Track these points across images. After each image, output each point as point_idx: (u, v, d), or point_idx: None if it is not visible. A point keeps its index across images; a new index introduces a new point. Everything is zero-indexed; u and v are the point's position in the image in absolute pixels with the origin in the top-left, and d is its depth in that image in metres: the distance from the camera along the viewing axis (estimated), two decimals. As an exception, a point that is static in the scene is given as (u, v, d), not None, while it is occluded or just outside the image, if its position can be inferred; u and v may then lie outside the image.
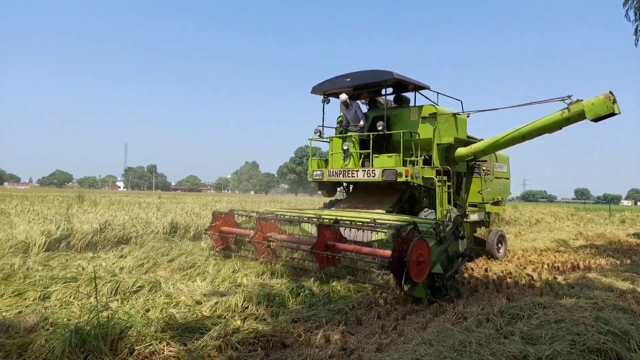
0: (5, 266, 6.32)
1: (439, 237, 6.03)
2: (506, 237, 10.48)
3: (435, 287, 5.89)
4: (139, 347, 3.66)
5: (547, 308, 4.99)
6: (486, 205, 10.30)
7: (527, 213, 24.62)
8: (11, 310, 4.68)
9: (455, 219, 6.61)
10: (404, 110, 9.27)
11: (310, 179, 9.55)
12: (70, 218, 10.78)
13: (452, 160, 9.03)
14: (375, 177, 8.31)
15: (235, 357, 3.81)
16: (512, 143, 8.37)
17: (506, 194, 11.59)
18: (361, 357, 3.78)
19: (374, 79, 8.66)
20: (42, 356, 3.36)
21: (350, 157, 9.01)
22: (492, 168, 10.76)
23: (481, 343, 4.00)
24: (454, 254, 6.31)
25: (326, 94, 9.74)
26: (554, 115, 7.66)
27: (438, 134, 8.68)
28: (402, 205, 8.91)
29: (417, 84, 9.00)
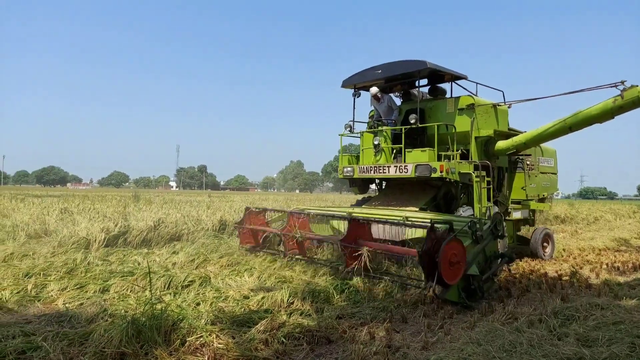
0: (69, 261, 6.75)
1: (475, 236, 5.69)
2: (553, 236, 9.91)
3: (471, 289, 5.53)
4: (190, 338, 3.81)
5: (605, 309, 4.75)
6: (531, 202, 9.71)
7: (585, 211, 23.40)
8: (74, 302, 5.00)
9: (493, 217, 6.23)
10: (440, 102, 8.84)
11: (341, 176, 9.30)
12: (127, 216, 11.32)
13: (491, 155, 8.54)
14: (407, 172, 7.93)
15: (282, 351, 3.88)
16: (558, 135, 7.78)
17: (553, 190, 10.90)
18: (406, 355, 3.76)
19: (407, 69, 8.26)
20: (101, 345, 3.57)
21: (382, 153, 8.67)
22: (537, 163, 10.13)
23: (532, 344, 3.87)
24: (492, 254, 5.95)
25: (357, 87, 9.40)
26: (606, 102, 7.05)
27: (476, 127, 8.19)
28: (438, 202, 8.51)
29: (453, 73, 8.54)
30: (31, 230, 9.66)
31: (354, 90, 9.39)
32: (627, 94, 6.80)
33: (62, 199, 21.05)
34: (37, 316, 4.43)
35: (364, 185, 9.79)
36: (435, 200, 8.46)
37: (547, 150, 10.63)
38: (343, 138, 9.62)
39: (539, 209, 10.16)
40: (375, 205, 8.85)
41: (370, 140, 8.94)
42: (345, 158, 9.48)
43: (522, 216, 9.52)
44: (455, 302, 5.36)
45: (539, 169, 10.16)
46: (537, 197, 10.02)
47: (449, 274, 5.11)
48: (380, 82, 9.01)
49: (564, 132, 7.66)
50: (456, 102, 8.44)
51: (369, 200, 9.46)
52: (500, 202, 8.74)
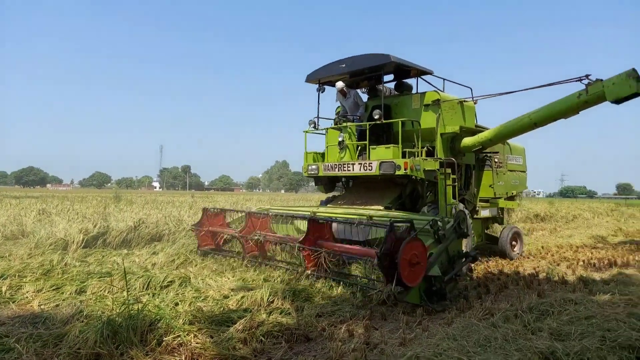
0: (45, 262, 6.63)
1: (437, 236, 5.50)
2: (522, 234, 9.88)
3: (433, 291, 5.34)
4: (167, 338, 3.78)
5: (578, 304, 4.85)
6: (499, 200, 9.61)
7: (564, 209, 23.86)
8: (49, 304, 4.93)
9: (456, 215, 5.95)
10: (405, 98, 8.63)
11: (306, 174, 9.02)
12: (107, 217, 11.18)
13: (458, 152, 8.32)
14: (372, 170, 7.68)
15: (260, 350, 3.88)
16: (524, 130, 7.58)
17: (522, 188, 10.82)
18: (384, 351, 3.79)
19: (371, 63, 8.00)
20: (76, 346, 3.52)
21: (346, 150, 8.41)
22: (506, 160, 10.06)
23: (507, 339, 3.92)
24: (455, 254, 5.78)
25: (322, 82, 9.10)
26: (570, 97, 6.85)
27: (442, 123, 7.98)
28: (403, 201, 8.30)
29: (419, 68, 8.30)
30: (7, 231, 9.49)
31: (319, 85, 9.13)
32: (591, 89, 6.59)
33: (40, 200, 20.66)
34: (11, 318, 4.35)
35: (329, 184, 9.58)
36: (401, 199, 8.29)
37: (515, 148, 10.58)
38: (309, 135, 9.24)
39: (507, 207, 10.11)
40: (340, 204, 8.64)
41: (336, 137, 8.71)
42: (310, 156, 9.25)
43: (490, 214, 9.41)
44: (416, 305, 5.20)
45: (508, 166, 10.10)
46: (506, 195, 9.93)
47: (409, 275, 4.91)
48: (346, 77, 8.77)
49: (529, 128, 7.49)
50: (422, 97, 8.26)
51: (334, 199, 9.26)
52: (467, 200, 8.59)
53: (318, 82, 9.07)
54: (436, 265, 5.33)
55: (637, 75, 6.24)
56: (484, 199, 9.21)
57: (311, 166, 8.82)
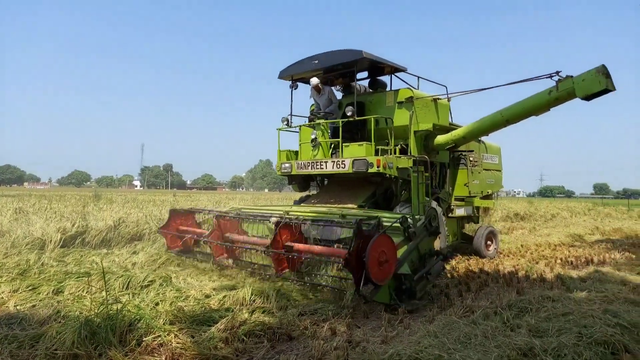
0: (22, 262, 6.50)
1: (408, 233, 5.37)
2: (497, 234, 9.81)
3: (403, 289, 5.23)
4: (147, 338, 3.73)
5: (556, 301, 4.96)
6: (474, 199, 9.52)
7: (543, 208, 24.31)
8: (25, 304, 4.82)
9: (427, 212, 5.82)
10: (379, 95, 8.52)
11: (279, 172, 8.83)
12: (86, 216, 10.98)
13: (431, 149, 8.22)
14: (345, 168, 7.51)
15: (242, 349, 3.86)
16: (496, 127, 7.53)
17: (497, 187, 10.76)
18: (365, 349, 3.81)
19: (343, 59, 7.86)
20: (53, 347, 3.45)
21: (319, 147, 8.21)
22: (481, 159, 9.99)
23: (487, 335, 3.99)
24: (426, 252, 5.66)
25: (294, 78, 8.86)
26: (540, 94, 6.81)
27: (415, 120, 7.87)
28: (377, 199, 8.16)
29: (392, 65, 8.19)
30: (-18, 231, 9.22)
31: (292, 82, 8.91)
32: (562, 85, 6.55)
33: (17, 199, 20.18)
34: (-15, 319, 4.24)
35: (303, 183, 9.43)
36: (375, 197, 8.15)
37: (491, 147, 10.55)
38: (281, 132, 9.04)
39: (483, 206, 9.95)
40: (314, 203, 8.47)
41: (309, 135, 8.51)
42: (284, 154, 9.08)
43: (465, 213, 9.30)
44: (387, 304, 5.09)
45: (483, 165, 10.03)
46: (481, 194, 9.85)
47: (377, 273, 4.76)
48: (319, 74, 8.60)
49: (501, 125, 7.43)
50: (395, 95, 8.15)
51: (309, 198, 9.07)
52: (442, 199, 8.47)
53: (291, 78, 8.88)
54: (406, 264, 5.22)
55: (606, 71, 6.24)
56: (459, 197, 9.17)
57: (284, 164, 8.65)
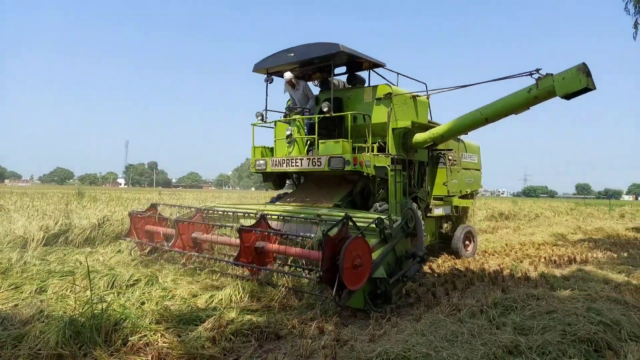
0: (3, 260, 6.36)
1: (384, 235, 5.22)
2: (475, 234, 9.72)
3: (378, 294, 5.05)
4: (133, 338, 3.69)
5: (541, 299, 5.03)
6: (453, 198, 9.40)
7: (527, 208, 24.64)
8: (7, 303, 4.72)
9: (404, 213, 5.64)
10: (357, 91, 8.26)
11: (253, 170, 8.52)
12: (69, 214, 10.79)
13: (410, 148, 8.02)
14: (321, 166, 7.26)
15: (229, 348, 3.84)
16: (475, 126, 7.36)
17: (477, 186, 10.64)
18: (354, 347, 3.81)
19: (320, 52, 7.59)
20: (36, 347, 3.39)
21: (295, 144, 7.97)
22: (460, 158, 9.85)
23: (473, 333, 4.03)
24: (403, 254, 5.49)
25: (270, 72, 8.56)
26: (520, 92, 6.66)
27: (394, 117, 7.64)
28: (354, 198, 7.90)
29: (371, 60, 7.94)
30: (-39, 228, 9.02)
31: (267, 76, 8.63)
32: (541, 83, 6.39)
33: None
34: (-35, 319, 4.14)
35: (279, 180, 9.16)
36: (351, 196, 7.90)
37: (470, 146, 10.44)
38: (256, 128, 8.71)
39: (462, 206, 9.83)
40: (289, 201, 8.20)
41: (285, 131, 8.28)
42: (258, 150, 8.75)
43: (444, 213, 9.17)
44: (361, 310, 4.92)
45: (462, 164, 9.92)
46: (460, 193, 9.73)
47: (351, 277, 4.56)
48: (295, 67, 8.33)
49: (480, 123, 7.26)
50: (374, 91, 7.90)
51: (284, 196, 8.78)
52: (420, 198, 8.29)
53: (266, 72, 8.58)
54: (382, 266, 5.06)
55: (587, 69, 6.10)
56: (437, 197, 9.05)
57: (259, 161, 8.37)
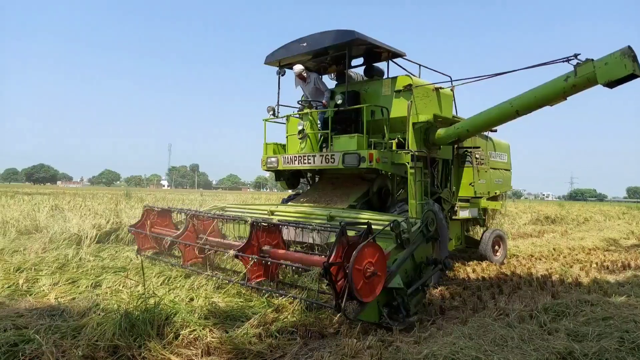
0: (60, 256, 6.71)
1: (400, 240, 4.71)
2: (505, 238, 9.27)
3: (394, 306, 4.50)
4: (184, 332, 3.81)
5: (595, 305, 4.82)
6: (480, 200, 8.72)
7: (575, 211, 23.67)
8: (66, 297, 4.99)
9: (424, 215, 5.08)
10: (375, 84, 7.65)
11: (264, 167, 8.04)
12: (118, 213, 11.25)
13: (432, 144, 7.34)
14: (335, 162, 6.76)
15: (275, 345, 3.90)
16: (505, 119, 6.66)
17: (506, 188, 9.97)
18: (399, 349, 3.78)
19: (334, 41, 7.04)
20: (94, 338, 3.56)
21: (307, 140, 7.46)
22: (489, 157, 9.17)
23: (524, 338, 3.92)
24: (423, 260, 4.97)
25: (282, 64, 8.04)
26: (556, 81, 5.93)
27: (414, 111, 6.98)
28: (370, 198, 7.33)
29: (389, 49, 7.32)
30: (21, 226, 9.59)
31: (279, 68, 8.10)
32: (581, 70, 5.69)
33: (52, 197, 20.86)
34: (29, 310, 4.40)
35: (292, 179, 8.61)
36: (368, 196, 7.34)
37: (499, 144, 9.81)
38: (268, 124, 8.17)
39: (490, 208, 9.19)
40: (302, 201, 7.67)
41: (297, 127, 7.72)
42: (270, 147, 8.25)
43: (470, 215, 8.46)
44: (376, 324, 4.42)
45: (490, 164, 9.23)
46: (488, 194, 9.07)
47: (363, 288, 4.09)
48: (308, 59, 7.79)
49: (510, 116, 6.56)
50: (393, 83, 7.29)
51: (297, 197, 8.26)
52: (444, 199, 7.65)
53: (278, 64, 8.07)
54: (398, 275, 4.57)
55: (633, 53, 5.36)
56: (463, 198, 8.41)
57: (270, 159, 7.88)
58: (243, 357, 3.66)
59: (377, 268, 4.19)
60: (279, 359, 3.72)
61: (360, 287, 4.04)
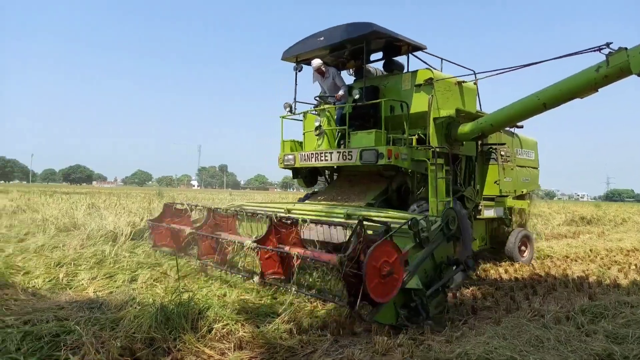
0: (97, 252, 6.93)
1: (419, 238, 4.55)
2: (532, 238, 8.92)
3: (412, 308, 4.34)
4: (217, 326, 3.89)
5: (635, 307, 4.67)
6: (506, 199, 8.39)
7: (612, 212, 22.86)
8: (103, 290, 5.16)
9: (445, 213, 4.92)
10: (395, 78, 7.38)
11: (281, 165, 7.91)
12: (152, 211, 11.54)
13: (454, 140, 7.04)
14: (352, 159, 6.57)
15: (306, 341, 3.92)
16: (531, 113, 6.32)
17: (534, 186, 9.57)
18: (431, 347, 3.75)
19: (351, 34, 6.86)
20: (131, 330, 3.67)
21: (324, 136, 7.30)
22: (515, 154, 8.81)
23: (560, 340, 3.82)
24: (443, 260, 4.80)
25: (299, 60, 7.86)
26: (586, 72, 5.58)
27: (435, 106, 6.72)
28: (389, 196, 7.13)
29: (409, 42, 7.03)
30: (60, 223, 9.94)
31: (296, 64, 7.92)
32: (613, 60, 5.38)
33: (89, 196, 21.57)
34: (69, 302, 4.57)
35: (310, 177, 8.41)
36: (387, 194, 7.14)
37: (526, 141, 9.45)
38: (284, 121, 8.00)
39: (517, 207, 8.84)
40: (320, 199, 7.52)
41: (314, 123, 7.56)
42: (288, 144, 8.07)
43: (495, 214, 8.14)
44: (392, 326, 4.23)
45: (517, 161, 8.88)
46: (514, 193, 8.75)
47: (377, 288, 3.94)
48: (326, 53, 7.62)
49: (537, 110, 6.23)
50: (413, 77, 7.00)
51: (314, 195, 8.11)
52: (467, 198, 7.29)
53: (295, 59, 7.90)
54: (416, 276, 4.40)
55: None
56: (488, 197, 8.06)
57: (287, 156, 7.72)
58: (274, 352, 3.70)
59: (393, 268, 4.04)
60: (310, 354, 3.74)
61: (374, 285, 3.91)
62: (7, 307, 4.34)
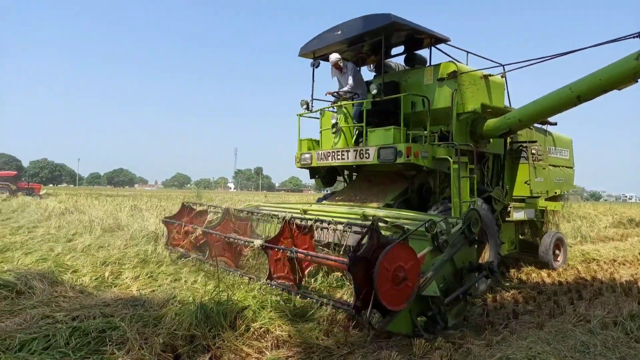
0: (140, 252, 7.17)
1: (437, 242, 4.23)
2: (565, 240, 8.37)
3: (429, 316, 4.08)
4: (255, 325, 3.95)
5: (691, 314, 4.40)
6: (537, 200, 7.90)
7: (663, 213, 21.64)
8: (146, 289, 5.33)
9: (467, 215, 4.51)
10: (416, 72, 7.00)
11: (298, 165, 7.63)
12: (190, 213, 11.83)
13: (480, 137, 6.66)
14: (370, 158, 6.24)
15: (343, 342, 3.93)
16: (564, 107, 5.81)
17: (568, 187, 9.04)
18: (470, 351, 3.68)
19: (369, 26, 6.50)
20: (173, 327, 3.78)
21: (341, 134, 7.00)
22: (547, 153, 8.26)
23: (607, 346, 3.67)
24: (465, 266, 4.44)
25: (316, 55, 7.60)
26: (624, 60, 5.08)
27: (459, 101, 6.31)
28: (409, 197, 6.76)
29: (431, 34, 6.64)
30: (105, 224, 10.34)
31: (313, 60, 7.68)
32: None
33: (131, 198, 22.37)
34: (114, 300, 4.75)
35: (328, 177, 8.06)
36: (407, 195, 6.76)
37: (560, 139, 8.88)
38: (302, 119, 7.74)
39: (549, 209, 8.26)
40: (338, 200, 7.25)
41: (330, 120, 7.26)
42: (305, 143, 7.75)
43: (526, 217, 7.65)
44: (408, 336, 3.97)
45: (549, 160, 8.34)
46: (547, 194, 8.19)
47: (389, 294, 3.62)
48: (344, 48, 7.30)
49: (570, 103, 5.71)
50: (435, 70, 6.62)
51: (332, 195, 7.76)
52: (495, 199, 6.75)
53: (312, 55, 7.64)
54: (434, 282, 4.09)
55: None
56: (518, 198, 7.60)
57: (304, 155, 7.44)
58: (311, 351, 3.73)
59: (408, 275, 3.73)
60: (347, 355, 3.75)
61: (385, 290, 3.59)
62: (57, 303, 4.56)
